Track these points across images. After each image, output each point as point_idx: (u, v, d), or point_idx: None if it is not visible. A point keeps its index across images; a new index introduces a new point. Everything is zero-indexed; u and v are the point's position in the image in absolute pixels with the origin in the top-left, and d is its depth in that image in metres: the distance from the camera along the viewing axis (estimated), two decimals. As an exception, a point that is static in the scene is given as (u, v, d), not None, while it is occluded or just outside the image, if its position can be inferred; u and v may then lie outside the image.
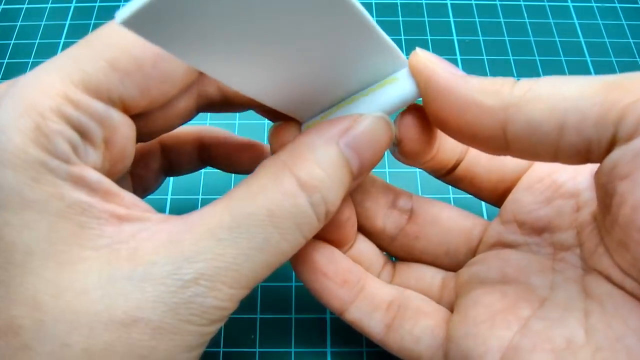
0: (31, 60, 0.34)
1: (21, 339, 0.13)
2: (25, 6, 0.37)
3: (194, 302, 0.14)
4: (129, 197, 0.15)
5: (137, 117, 0.17)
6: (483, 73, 0.34)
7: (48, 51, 0.35)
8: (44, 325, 0.13)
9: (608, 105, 0.14)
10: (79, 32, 0.36)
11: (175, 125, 0.19)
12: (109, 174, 0.16)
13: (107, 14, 0.36)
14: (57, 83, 0.14)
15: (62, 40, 0.35)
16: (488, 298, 0.18)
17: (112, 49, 0.15)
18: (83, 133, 0.14)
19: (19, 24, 0.36)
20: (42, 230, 0.13)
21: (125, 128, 0.16)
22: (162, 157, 0.23)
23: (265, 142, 0.24)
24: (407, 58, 0.17)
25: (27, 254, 0.13)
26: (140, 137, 0.18)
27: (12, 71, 0.34)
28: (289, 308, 0.26)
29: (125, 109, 0.15)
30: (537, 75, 0.34)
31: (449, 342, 0.18)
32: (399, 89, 0.17)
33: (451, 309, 0.20)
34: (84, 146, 0.15)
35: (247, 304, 0.26)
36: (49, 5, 0.37)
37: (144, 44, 0.15)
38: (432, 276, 0.21)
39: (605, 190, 0.15)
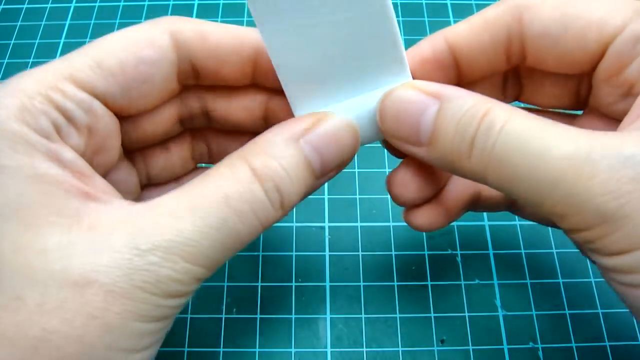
0: (31, 60, 0.34)
1: None
2: (25, 6, 0.37)
3: (148, 270, 0.14)
4: (101, 181, 0.16)
5: (123, 120, 0.18)
6: (483, 73, 0.34)
7: (48, 51, 0.35)
8: (1, 279, 0.14)
9: (554, 219, 0.16)
10: (79, 32, 0.36)
11: (161, 136, 0.20)
12: (92, 162, 0.17)
13: (107, 14, 0.36)
14: (47, 75, 0.16)
15: (62, 40, 0.35)
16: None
17: (100, 51, 0.17)
18: (67, 116, 0.16)
19: (19, 24, 0.36)
20: (10, 192, 0.14)
21: (107, 119, 0.17)
22: (190, 139, 0.22)
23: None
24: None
25: None
26: (129, 145, 0.19)
27: (12, 71, 0.34)
28: (289, 308, 0.26)
29: (108, 105, 0.17)
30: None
31: None
32: None
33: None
34: (68, 128, 0.16)
35: (247, 303, 0.26)
36: (49, 5, 0.37)
37: (128, 48, 0.17)
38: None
39: None
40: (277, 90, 0.19)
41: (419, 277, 0.27)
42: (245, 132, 0.21)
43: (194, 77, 0.19)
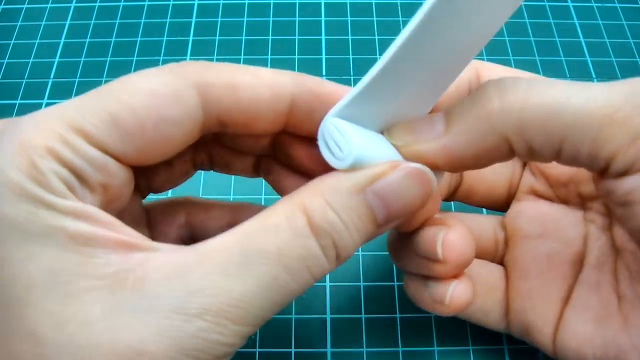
0: (31, 60, 0.34)
1: None
2: (25, 6, 0.37)
3: (198, 337, 0.14)
4: (131, 229, 0.15)
5: (136, 171, 0.17)
6: (483, 73, 0.34)
7: (48, 51, 0.35)
8: (45, 359, 0.13)
9: (600, 143, 0.15)
10: (79, 32, 0.36)
11: (176, 180, 0.20)
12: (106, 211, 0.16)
13: (107, 14, 0.36)
14: (53, 124, 0.14)
15: (62, 40, 0.35)
16: (535, 265, 0.21)
17: (117, 103, 0.15)
18: (78, 175, 0.14)
19: (19, 24, 0.36)
20: (44, 262, 0.13)
21: (122, 175, 0.16)
22: (193, 151, 0.21)
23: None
24: None
25: (29, 286, 0.13)
26: (142, 191, 0.19)
27: (12, 71, 0.34)
28: (289, 308, 0.26)
29: (121, 160, 0.15)
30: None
31: (510, 313, 0.22)
32: None
33: (501, 262, 0.23)
34: (81, 188, 0.15)
35: (247, 304, 0.26)
36: (49, 5, 0.37)
37: (149, 105, 0.15)
38: (485, 227, 0.23)
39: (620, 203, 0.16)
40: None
41: (419, 277, 0.27)
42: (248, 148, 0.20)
43: (219, 127, 0.17)
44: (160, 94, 0.15)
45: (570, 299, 0.20)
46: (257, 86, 0.16)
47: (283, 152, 0.19)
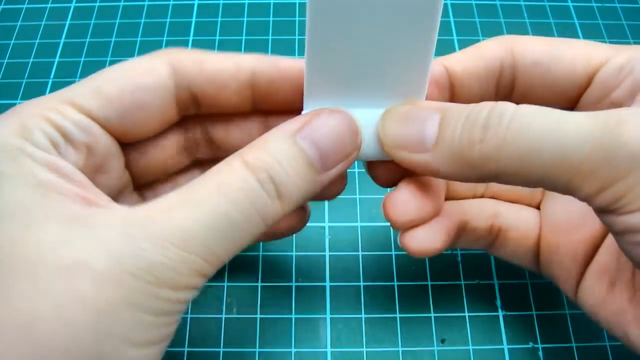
0: (31, 60, 0.34)
1: None
2: (25, 6, 0.37)
3: (139, 256, 0.14)
4: (101, 194, 0.17)
5: (126, 147, 0.19)
6: (483, 73, 0.34)
7: (48, 51, 0.35)
8: None
9: (572, 191, 0.16)
10: (79, 32, 0.36)
11: (169, 167, 0.21)
12: (94, 181, 0.17)
13: (107, 14, 0.36)
14: (48, 101, 0.17)
15: (62, 40, 0.35)
16: (566, 221, 0.22)
17: (100, 79, 0.18)
18: (64, 134, 0.17)
19: (19, 24, 0.36)
20: (12, 197, 0.15)
21: (106, 140, 0.18)
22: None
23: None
24: None
25: None
26: (139, 178, 0.20)
27: (12, 71, 0.34)
28: (289, 308, 0.26)
29: (107, 129, 0.18)
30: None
31: (539, 260, 0.23)
32: None
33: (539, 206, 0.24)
34: (65, 146, 0.17)
35: (247, 303, 0.26)
36: (49, 5, 0.37)
37: (127, 76, 0.18)
38: None
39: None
40: (275, 112, 0.20)
41: (419, 277, 0.27)
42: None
43: (194, 105, 0.19)
44: (136, 67, 0.18)
45: (593, 259, 0.21)
46: (221, 60, 0.18)
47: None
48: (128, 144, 0.19)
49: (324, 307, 0.26)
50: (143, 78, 0.18)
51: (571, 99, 0.20)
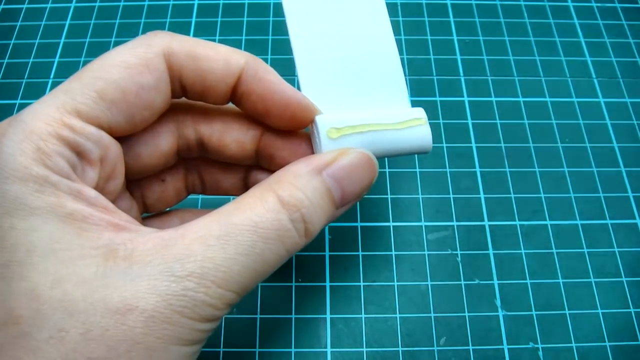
0: (31, 60, 0.34)
1: (20, 327, 0.14)
2: (25, 6, 0.37)
3: (185, 296, 0.15)
4: (125, 215, 0.17)
5: (124, 148, 0.19)
6: (483, 73, 0.34)
7: (48, 51, 0.35)
8: (41, 314, 0.14)
9: None
10: (79, 32, 0.36)
11: (160, 166, 0.21)
12: (103, 191, 0.17)
13: (107, 14, 0.36)
14: (52, 111, 0.16)
15: (62, 40, 0.35)
16: None
17: (100, 81, 0.17)
18: (80, 153, 0.16)
19: (19, 24, 0.36)
20: (44, 232, 0.15)
21: (114, 147, 0.18)
22: (184, 170, 0.23)
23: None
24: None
25: (29, 251, 0.14)
26: (130, 175, 0.20)
27: (12, 71, 0.34)
28: (289, 308, 0.26)
29: (112, 132, 0.18)
30: (537, 75, 0.34)
31: None
32: (418, 141, 0.20)
33: None
34: (82, 165, 0.17)
35: (247, 304, 0.26)
36: (49, 5, 0.37)
37: (127, 76, 0.17)
38: None
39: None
40: (269, 127, 0.20)
41: (419, 277, 0.27)
42: (238, 165, 0.22)
43: (181, 92, 0.19)
44: (133, 65, 0.17)
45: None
46: (214, 59, 0.18)
47: (267, 158, 0.21)
48: (125, 144, 0.19)
49: (324, 307, 0.26)
50: (144, 77, 0.17)
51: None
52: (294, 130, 0.20)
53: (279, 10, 0.36)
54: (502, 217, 0.29)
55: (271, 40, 0.35)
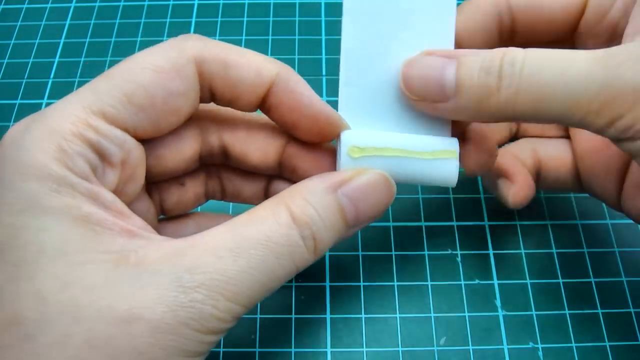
0: (31, 60, 0.34)
1: (25, 329, 0.14)
2: (25, 6, 0.37)
3: (193, 307, 0.15)
4: (138, 220, 0.17)
5: (147, 151, 0.19)
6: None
7: (48, 51, 0.35)
8: (46, 317, 0.14)
9: (586, 123, 0.17)
10: (79, 32, 0.36)
11: (181, 171, 0.20)
12: (121, 194, 0.17)
13: (107, 14, 0.36)
14: (78, 111, 0.16)
15: (62, 40, 0.35)
16: (594, 143, 0.23)
17: (129, 84, 0.16)
18: (102, 155, 0.16)
19: (19, 24, 0.36)
20: (56, 233, 0.14)
21: (137, 151, 0.17)
22: (205, 175, 0.22)
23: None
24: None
25: (39, 252, 0.14)
26: (150, 178, 0.19)
27: (12, 71, 0.34)
28: (289, 308, 0.26)
29: (136, 135, 0.17)
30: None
31: (583, 184, 0.24)
32: (443, 174, 0.20)
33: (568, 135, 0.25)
34: (103, 167, 0.16)
35: (247, 304, 0.26)
36: (49, 5, 0.37)
37: (157, 81, 0.17)
38: None
39: None
40: (294, 138, 0.20)
41: (419, 277, 0.27)
42: (259, 174, 0.22)
43: (209, 99, 0.19)
44: (164, 70, 0.17)
45: (628, 171, 0.22)
46: (246, 68, 0.18)
47: (289, 168, 0.21)
48: (148, 148, 0.19)
49: (324, 307, 0.26)
50: (174, 83, 0.17)
51: (570, 26, 0.21)
52: (319, 143, 0.20)
53: (279, 10, 0.37)
54: (503, 217, 0.29)
55: (271, 40, 0.35)
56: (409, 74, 0.19)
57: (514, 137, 0.26)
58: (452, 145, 0.20)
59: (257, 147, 0.20)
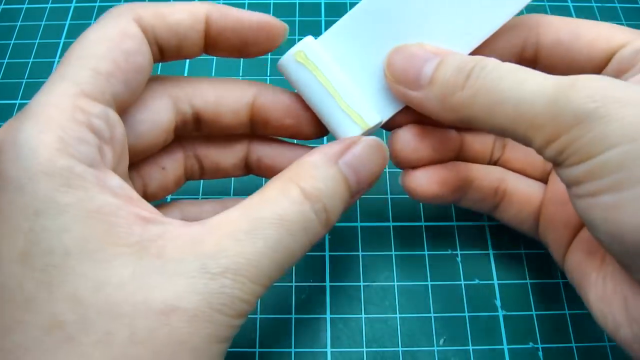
0: (31, 60, 0.34)
1: (65, 332, 0.14)
2: (25, 6, 0.37)
3: (222, 293, 0.15)
4: (146, 204, 0.17)
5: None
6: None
7: (48, 51, 0.35)
8: (86, 318, 0.14)
9: (528, 141, 0.17)
10: (79, 32, 0.35)
11: (159, 145, 0.21)
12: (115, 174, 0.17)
13: (107, 14, 0.36)
14: (61, 97, 0.16)
15: (62, 40, 0.35)
16: (561, 193, 0.23)
17: (91, 58, 0.17)
18: (98, 134, 0.16)
19: (19, 24, 0.36)
20: (77, 231, 0.14)
21: (120, 126, 0.17)
22: (183, 155, 0.23)
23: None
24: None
25: (65, 255, 0.14)
26: (132, 157, 0.19)
27: (12, 71, 0.34)
28: (289, 308, 0.26)
29: (115, 106, 0.17)
30: (537, 75, 0.34)
31: (539, 229, 0.24)
32: (341, 129, 0.21)
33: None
34: (101, 147, 0.16)
35: (247, 304, 0.26)
36: (49, 5, 0.37)
37: (113, 47, 0.17)
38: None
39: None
40: (261, 91, 0.21)
41: (419, 277, 0.27)
42: (235, 143, 0.23)
43: (159, 53, 0.20)
44: (113, 36, 0.17)
45: (580, 230, 0.22)
46: (177, 11, 0.19)
47: (261, 123, 0.22)
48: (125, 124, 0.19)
49: (324, 307, 0.26)
50: (126, 43, 0.17)
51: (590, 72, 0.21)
52: (287, 92, 0.22)
53: (278, 10, 0.37)
54: (502, 217, 0.29)
55: (271, 40, 0.35)
56: (395, 57, 0.20)
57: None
58: (371, 120, 0.21)
59: (227, 107, 0.21)
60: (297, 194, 0.17)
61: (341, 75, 0.21)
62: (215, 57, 0.34)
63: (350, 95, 0.20)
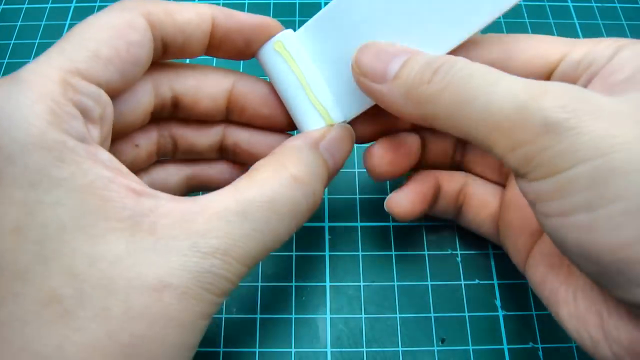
0: (31, 60, 0.34)
1: (63, 306, 0.14)
2: (25, 6, 0.37)
3: (211, 272, 0.15)
4: (134, 176, 0.17)
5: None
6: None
7: (48, 51, 0.35)
8: (83, 292, 0.14)
9: (490, 143, 0.16)
10: (79, 32, 0.36)
11: (137, 122, 0.21)
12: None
13: (107, 14, 0.36)
14: (55, 72, 0.16)
15: (62, 40, 0.35)
16: (519, 199, 0.22)
17: (93, 41, 0.17)
18: (86, 113, 0.16)
19: (19, 24, 0.36)
20: (71, 206, 0.15)
21: (110, 107, 0.18)
22: (157, 134, 0.23)
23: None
24: None
25: (60, 229, 0.14)
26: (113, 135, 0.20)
27: (12, 71, 0.34)
28: (289, 308, 0.26)
29: (108, 90, 0.17)
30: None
31: (499, 234, 0.24)
32: (306, 120, 0.21)
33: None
34: (90, 125, 0.16)
35: (247, 303, 0.26)
36: (49, 5, 0.37)
37: (117, 35, 0.17)
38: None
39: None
40: (239, 81, 0.22)
41: (419, 277, 0.27)
42: (210, 125, 0.23)
43: (162, 49, 0.20)
44: (120, 25, 0.18)
45: (540, 238, 0.21)
46: (186, 10, 0.19)
47: (238, 111, 0.22)
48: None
49: (324, 307, 0.26)
50: (131, 34, 0.18)
51: None
52: (263, 82, 0.22)
53: (278, 10, 0.37)
54: (502, 217, 0.29)
55: (271, 40, 0.35)
56: (364, 51, 0.20)
57: (457, 169, 0.26)
58: (336, 117, 0.21)
59: (206, 93, 0.21)
60: (287, 177, 0.18)
61: (314, 69, 0.21)
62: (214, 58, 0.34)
63: (320, 89, 0.21)
